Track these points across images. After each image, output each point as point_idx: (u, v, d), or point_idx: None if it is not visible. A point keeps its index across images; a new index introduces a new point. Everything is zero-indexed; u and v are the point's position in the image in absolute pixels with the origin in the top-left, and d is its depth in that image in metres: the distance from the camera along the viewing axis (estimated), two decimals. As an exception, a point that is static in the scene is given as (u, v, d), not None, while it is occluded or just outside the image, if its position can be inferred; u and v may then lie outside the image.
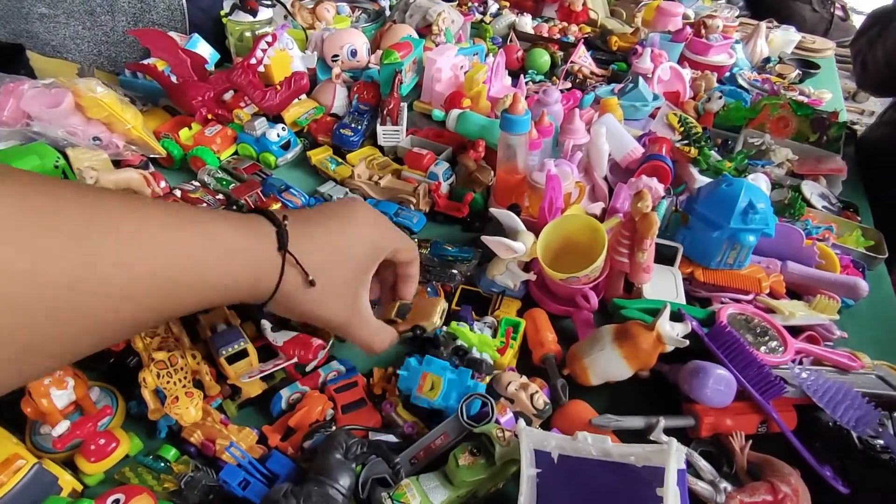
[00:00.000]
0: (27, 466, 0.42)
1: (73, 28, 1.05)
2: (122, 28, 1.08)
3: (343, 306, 0.42)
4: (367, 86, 0.99)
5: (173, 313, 0.34)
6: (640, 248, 0.60)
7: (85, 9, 1.04)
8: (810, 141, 1.00)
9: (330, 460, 0.43)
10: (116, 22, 1.07)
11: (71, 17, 1.04)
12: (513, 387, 0.51)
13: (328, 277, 0.40)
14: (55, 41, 1.06)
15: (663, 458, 0.39)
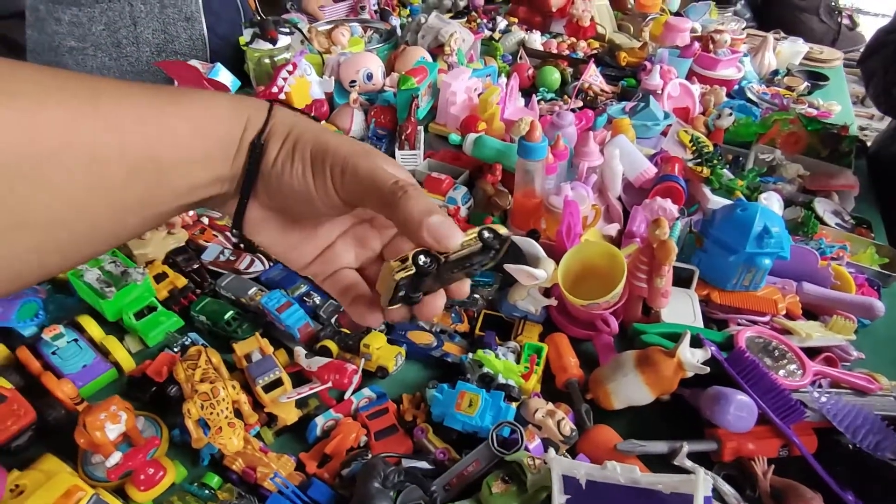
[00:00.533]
0: (86, 498, 0.44)
1: (100, 59, 1.09)
2: (147, 59, 1.12)
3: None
4: (383, 110, 1.02)
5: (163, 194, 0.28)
6: (659, 274, 0.62)
7: (111, 41, 1.08)
8: (821, 156, 1.02)
9: (370, 489, 0.45)
10: (141, 53, 1.11)
11: (98, 50, 1.07)
12: (540, 414, 0.53)
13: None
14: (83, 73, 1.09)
15: (691, 487, 0.41)
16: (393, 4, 1.70)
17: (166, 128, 0.27)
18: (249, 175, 0.30)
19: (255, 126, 0.29)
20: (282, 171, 0.29)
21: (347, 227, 0.34)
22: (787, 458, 0.53)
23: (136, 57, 1.11)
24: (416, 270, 0.27)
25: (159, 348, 0.65)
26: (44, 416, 0.54)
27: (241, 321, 0.66)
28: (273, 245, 0.33)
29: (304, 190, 0.29)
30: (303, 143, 0.29)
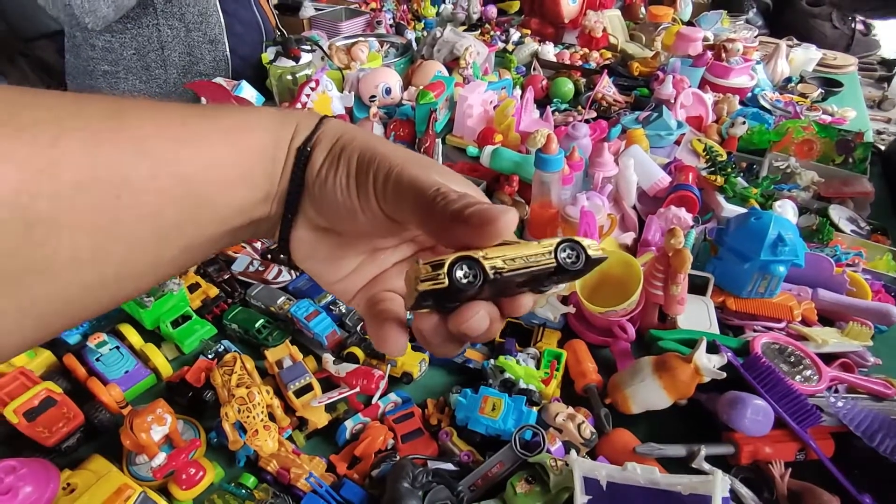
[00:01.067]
0: (135, 495, 0.47)
1: (131, 83, 1.15)
2: (174, 80, 1.17)
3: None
4: (402, 123, 1.05)
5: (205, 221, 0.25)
6: (674, 281, 0.64)
7: (141, 65, 1.14)
8: (836, 163, 1.03)
9: (399, 489, 0.47)
10: (168, 74, 1.17)
11: (129, 73, 1.14)
12: (560, 417, 0.55)
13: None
14: (115, 95, 1.14)
15: (709, 488, 0.43)
16: (408, 19, 1.74)
17: (200, 143, 0.24)
18: (294, 185, 0.26)
19: (304, 133, 0.26)
20: (325, 179, 0.26)
21: (407, 256, 0.30)
22: (805, 462, 0.54)
23: (164, 79, 1.16)
24: (447, 285, 0.21)
25: (194, 355, 0.68)
26: (90, 419, 0.58)
27: (271, 329, 0.69)
28: (323, 273, 0.29)
29: (347, 201, 0.25)
30: (350, 149, 0.26)
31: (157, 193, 0.23)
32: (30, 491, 0.48)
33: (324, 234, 0.28)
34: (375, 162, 0.25)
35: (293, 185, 0.26)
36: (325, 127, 0.27)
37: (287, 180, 0.26)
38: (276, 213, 0.27)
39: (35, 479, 0.49)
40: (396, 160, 0.25)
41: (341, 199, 0.25)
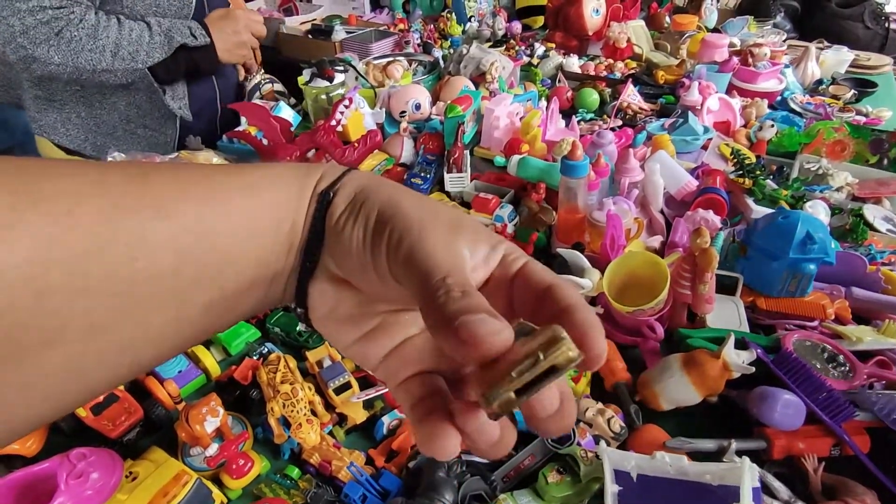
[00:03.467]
0: (192, 481, 0.51)
1: (66, 114, 1.12)
2: (115, 123, 1.15)
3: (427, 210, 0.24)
4: (431, 137, 1.09)
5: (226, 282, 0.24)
6: (702, 280, 0.65)
7: (84, 102, 1.11)
8: (870, 163, 1.01)
9: (435, 478, 0.50)
10: (110, 117, 1.14)
11: (66, 105, 1.11)
12: (591, 412, 0.56)
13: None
14: (43, 121, 1.13)
15: (737, 476, 0.44)
16: (435, 38, 1.81)
17: (222, 199, 0.23)
18: (314, 231, 0.24)
19: (328, 180, 0.25)
20: (343, 228, 0.24)
21: None
22: (840, 457, 0.54)
23: (104, 119, 1.14)
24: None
25: (240, 357, 0.72)
26: (149, 414, 0.62)
27: (311, 332, 0.73)
28: (342, 334, 0.26)
29: (362, 256, 0.23)
30: (372, 201, 0.24)
31: (176, 253, 0.22)
32: (97, 477, 0.53)
33: (345, 288, 0.25)
34: (394, 219, 0.23)
35: (313, 231, 0.25)
36: (351, 175, 0.26)
37: (308, 228, 0.25)
38: (297, 265, 0.25)
39: (102, 466, 0.53)
40: (418, 222, 0.22)
41: (355, 253, 0.23)
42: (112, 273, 0.20)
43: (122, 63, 1.04)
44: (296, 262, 0.25)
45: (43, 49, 0.98)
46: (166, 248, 0.22)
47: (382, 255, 0.22)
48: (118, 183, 0.22)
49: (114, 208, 0.21)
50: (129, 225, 0.21)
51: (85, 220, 0.20)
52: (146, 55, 1.05)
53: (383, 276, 0.23)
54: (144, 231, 0.21)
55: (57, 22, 0.97)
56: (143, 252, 0.21)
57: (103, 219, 0.20)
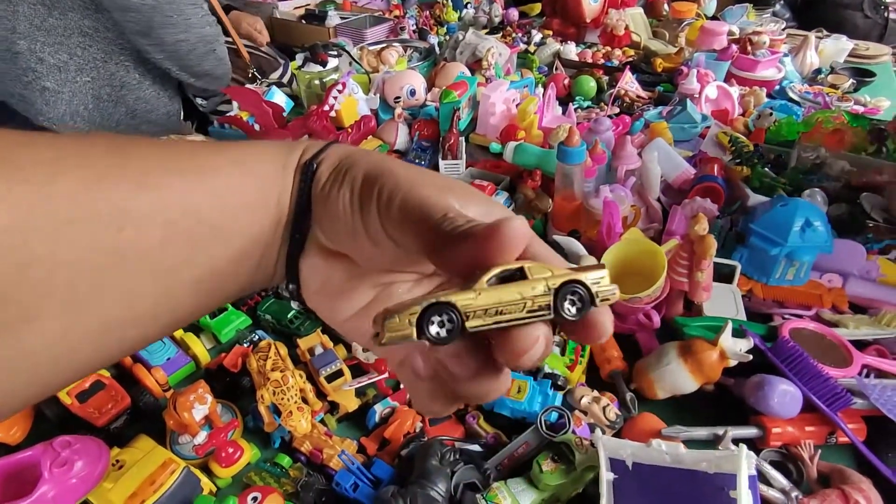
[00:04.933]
0: (179, 469, 0.50)
1: (74, 107, 1.11)
2: (119, 117, 1.15)
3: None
4: (426, 123, 1.08)
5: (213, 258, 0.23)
6: (699, 268, 0.64)
7: (92, 94, 1.10)
8: (868, 152, 1.00)
9: (428, 466, 0.49)
10: (116, 110, 1.14)
11: (75, 97, 1.09)
12: (586, 400, 0.55)
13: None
14: (52, 114, 1.11)
15: (734, 464, 0.43)
16: (430, 24, 1.78)
17: (208, 173, 0.23)
18: (301, 201, 0.24)
19: (311, 152, 0.25)
20: (328, 194, 0.23)
21: (429, 292, 0.25)
22: (836, 445, 0.54)
23: (111, 113, 1.14)
24: (415, 334, 0.18)
25: (230, 344, 0.71)
26: (136, 402, 0.61)
27: (302, 319, 0.72)
28: (334, 309, 0.26)
29: (349, 220, 0.23)
30: (357, 167, 0.23)
31: (164, 225, 0.21)
32: (82, 465, 0.51)
33: (336, 260, 0.25)
34: (382, 178, 0.22)
35: (300, 202, 0.24)
36: (334, 146, 0.25)
37: (294, 200, 0.25)
38: (286, 239, 0.25)
39: (88, 454, 0.52)
40: (407, 179, 0.22)
41: (343, 217, 0.23)
42: (96, 244, 0.20)
43: None
44: (284, 236, 0.25)
45: None
46: (153, 221, 0.21)
47: (373, 215, 0.22)
48: (101, 154, 0.21)
49: (97, 179, 0.20)
50: (114, 195, 0.20)
51: (67, 190, 0.19)
52: None
53: (375, 237, 0.22)
54: (129, 202, 0.21)
55: None
56: (129, 223, 0.20)
57: (86, 188, 0.20)
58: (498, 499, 0.47)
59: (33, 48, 1.04)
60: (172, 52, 1.02)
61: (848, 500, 0.45)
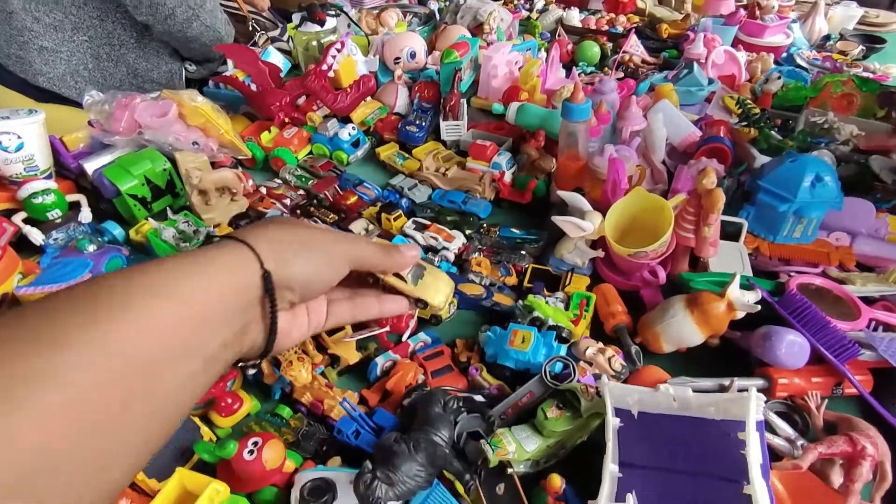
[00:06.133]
0: (178, 416, 0.49)
1: (74, 66, 1.10)
2: (121, 76, 1.14)
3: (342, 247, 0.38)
4: (427, 85, 1.05)
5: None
6: (706, 222, 0.62)
7: (91, 53, 1.09)
8: (877, 117, 0.99)
9: (431, 413, 0.48)
10: (117, 69, 1.13)
11: (74, 56, 1.08)
12: (591, 351, 0.55)
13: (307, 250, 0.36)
14: (52, 74, 1.09)
15: (742, 409, 0.42)
16: (431, -11, 1.73)
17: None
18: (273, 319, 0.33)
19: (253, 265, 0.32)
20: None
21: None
22: (842, 397, 0.53)
23: (111, 72, 1.13)
24: None
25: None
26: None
27: (302, 276, 0.70)
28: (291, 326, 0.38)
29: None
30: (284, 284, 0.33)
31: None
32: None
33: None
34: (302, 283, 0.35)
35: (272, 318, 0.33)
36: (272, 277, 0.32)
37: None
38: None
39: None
40: (308, 271, 0.35)
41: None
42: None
43: None
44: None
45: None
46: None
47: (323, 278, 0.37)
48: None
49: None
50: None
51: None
52: None
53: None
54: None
55: None
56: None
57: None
58: (502, 444, 0.46)
59: (28, 7, 1.03)
60: (151, 14, 1.01)
61: (855, 445, 0.45)
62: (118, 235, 0.77)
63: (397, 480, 0.43)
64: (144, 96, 0.83)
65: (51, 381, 0.21)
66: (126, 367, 0.24)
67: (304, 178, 0.91)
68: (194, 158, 0.79)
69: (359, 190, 0.87)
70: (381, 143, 1.01)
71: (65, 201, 0.78)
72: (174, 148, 0.82)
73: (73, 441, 0.21)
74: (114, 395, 0.23)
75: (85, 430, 0.22)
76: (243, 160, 0.96)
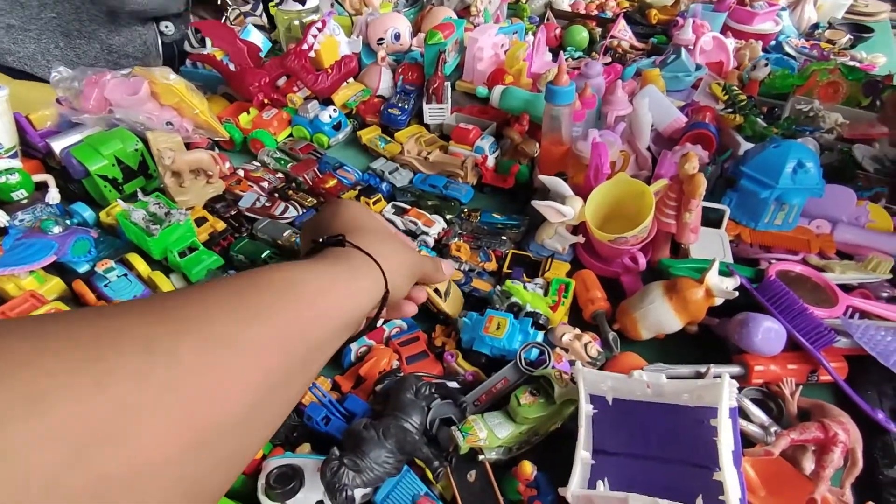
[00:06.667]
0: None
1: (44, 45, 1.05)
2: (96, 54, 1.09)
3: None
4: (411, 67, 1.03)
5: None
6: (688, 208, 0.62)
7: (61, 31, 1.05)
8: (862, 105, 0.98)
9: (403, 399, 0.47)
10: (90, 46, 1.08)
11: (43, 34, 1.04)
12: (567, 337, 0.54)
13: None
14: (21, 53, 1.05)
15: (715, 395, 0.42)
16: (418, -30, 1.69)
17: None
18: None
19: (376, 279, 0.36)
20: None
21: None
22: (817, 384, 0.53)
23: (85, 50, 1.08)
24: None
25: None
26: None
27: (277, 259, 0.69)
28: None
29: None
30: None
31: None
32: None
33: None
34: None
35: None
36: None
37: None
38: None
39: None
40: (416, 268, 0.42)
41: None
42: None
43: None
44: None
45: None
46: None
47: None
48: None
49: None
50: None
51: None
52: None
53: None
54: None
55: None
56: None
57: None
58: (473, 430, 0.45)
59: None
60: None
61: (827, 431, 0.45)
62: (88, 218, 0.74)
63: (365, 467, 0.42)
64: (115, 73, 0.80)
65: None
66: (301, 347, 0.27)
67: (284, 161, 0.89)
68: (167, 138, 0.77)
69: (339, 173, 0.85)
70: (364, 127, 0.99)
71: (31, 181, 0.75)
72: (146, 127, 0.79)
73: (266, 395, 0.24)
74: (294, 365, 0.26)
75: (274, 387, 0.24)
76: (221, 142, 0.93)
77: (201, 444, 0.20)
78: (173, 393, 0.19)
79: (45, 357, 0.17)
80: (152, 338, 0.20)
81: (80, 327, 0.19)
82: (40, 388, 0.16)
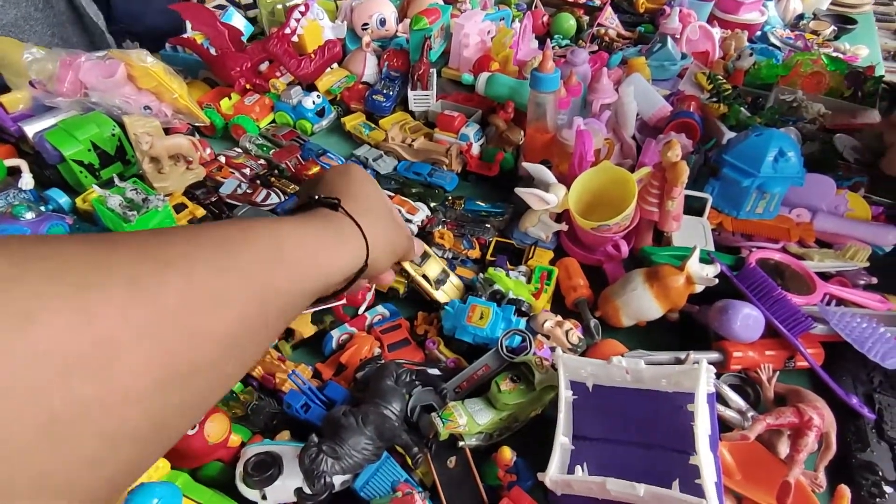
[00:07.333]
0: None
1: (25, 9, 1.03)
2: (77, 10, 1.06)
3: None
4: (396, 54, 1.02)
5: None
6: (670, 196, 0.62)
7: None
8: (844, 96, 0.99)
9: (383, 386, 0.47)
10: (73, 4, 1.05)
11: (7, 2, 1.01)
12: (548, 324, 0.54)
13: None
14: (5, 20, 1.03)
15: (693, 381, 0.42)
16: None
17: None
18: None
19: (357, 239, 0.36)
20: None
21: None
22: (794, 370, 0.54)
23: (64, 9, 1.05)
24: None
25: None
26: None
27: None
28: None
29: None
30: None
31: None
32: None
33: None
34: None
35: None
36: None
37: None
38: None
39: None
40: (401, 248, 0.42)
41: None
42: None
43: None
44: None
45: None
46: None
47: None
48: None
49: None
50: None
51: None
52: None
53: None
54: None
55: None
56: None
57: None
58: (453, 417, 0.45)
59: None
60: None
61: (802, 416, 0.45)
62: (64, 204, 0.73)
63: (343, 454, 0.42)
64: (90, 55, 0.78)
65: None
66: (278, 300, 0.28)
67: (266, 148, 0.87)
68: (144, 123, 0.75)
69: (322, 160, 0.84)
70: (348, 113, 0.98)
71: (3, 166, 0.73)
72: (123, 111, 0.77)
73: (238, 341, 0.25)
74: (268, 317, 0.27)
75: (247, 335, 0.25)
76: (202, 128, 0.92)
77: (173, 382, 0.21)
78: (153, 331, 0.20)
79: (34, 276, 0.18)
80: (138, 275, 0.21)
81: (70, 253, 0.20)
82: (29, 307, 0.17)
